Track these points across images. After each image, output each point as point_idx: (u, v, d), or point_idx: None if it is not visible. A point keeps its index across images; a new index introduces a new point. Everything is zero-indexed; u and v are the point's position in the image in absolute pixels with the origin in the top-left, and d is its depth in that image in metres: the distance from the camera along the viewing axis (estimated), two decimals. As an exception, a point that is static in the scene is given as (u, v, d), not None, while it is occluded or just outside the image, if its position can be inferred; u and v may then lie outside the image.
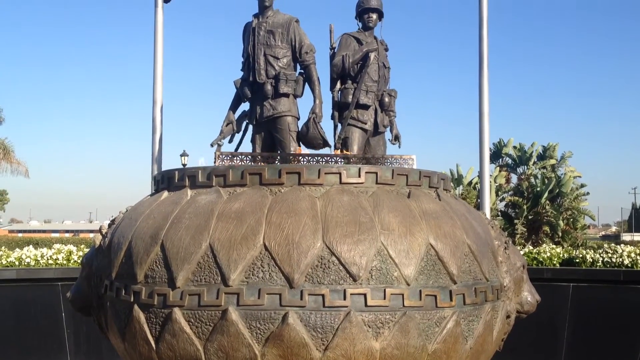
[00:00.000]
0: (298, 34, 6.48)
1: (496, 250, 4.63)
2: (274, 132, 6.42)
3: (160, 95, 9.66)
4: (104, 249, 4.68)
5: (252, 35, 6.51)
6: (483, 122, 9.99)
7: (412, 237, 4.10)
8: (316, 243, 3.96)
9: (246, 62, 6.58)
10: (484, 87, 9.96)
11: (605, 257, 10.41)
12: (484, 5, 9.94)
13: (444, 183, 4.85)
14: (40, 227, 75.32)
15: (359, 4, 6.87)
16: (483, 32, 9.97)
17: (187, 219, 4.20)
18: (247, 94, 6.50)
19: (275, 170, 4.35)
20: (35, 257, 10.97)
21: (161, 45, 9.71)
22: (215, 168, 4.53)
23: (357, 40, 6.71)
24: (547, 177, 27.75)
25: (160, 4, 9.65)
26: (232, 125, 6.59)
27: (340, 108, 6.61)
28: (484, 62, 9.96)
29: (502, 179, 27.92)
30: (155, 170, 9.59)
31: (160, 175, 4.93)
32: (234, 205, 4.18)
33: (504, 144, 30.10)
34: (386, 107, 6.76)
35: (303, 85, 6.53)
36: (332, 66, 6.65)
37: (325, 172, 4.35)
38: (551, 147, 29.61)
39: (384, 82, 6.84)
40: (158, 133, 9.58)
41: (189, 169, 4.62)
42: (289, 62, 6.48)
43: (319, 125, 6.32)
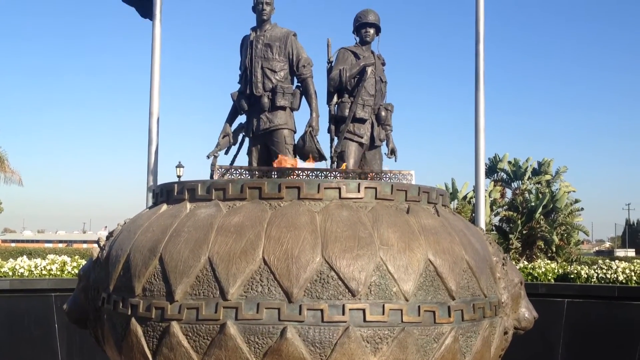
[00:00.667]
0: (295, 47, 6.52)
1: (494, 267, 4.63)
2: (271, 145, 6.45)
3: (156, 106, 9.68)
4: (101, 261, 4.66)
5: (249, 48, 6.55)
6: (479, 137, 10.03)
7: (411, 253, 4.11)
8: (315, 258, 3.96)
9: (243, 75, 6.62)
10: (480, 102, 10.01)
11: (600, 273, 10.44)
12: (480, 20, 10.02)
13: (442, 199, 4.86)
14: (34, 237, 75.06)
15: (356, 19, 6.92)
16: (479, 47, 10.03)
17: (186, 233, 4.20)
18: (244, 107, 6.53)
19: (275, 184, 4.36)
20: (29, 268, 10.92)
21: (158, 57, 9.76)
22: (215, 182, 4.53)
23: (354, 54, 6.75)
24: (542, 192, 27.84)
25: (159, 16, 9.71)
26: (228, 137, 6.62)
27: (337, 122, 6.64)
28: (480, 77, 10.01)
29: (496, 193, 28.00)
30: (151, 182, 9.59)
31: (159, 188, 4.93)
32: (234, 219, 4.18)
33: (499, 159, 30.22)
34: (383, 121, 6.79)
35: (300, 98, 6.56)
36: (329, 80, 6.68)
37: (324, 187, 4.35)
38: (546, 162, 29.74)
39: (380, 96, 6.88)
40: (154, 145, 9.59)
41: (188, 182, 4.62)
42: (286, 75, 6.52)
43: (316, 139, 6.34)
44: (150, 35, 9.72)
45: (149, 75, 9.74)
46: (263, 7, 6.56)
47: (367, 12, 6.87)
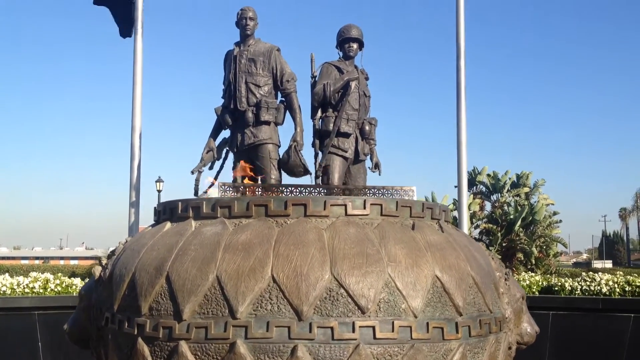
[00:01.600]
0: (279, 62, 6.53)
1: (497, 282, 4.67)
2: (255, 160, 6.43)
3: (138, 121, 9.61)
4: (104, 280, 4.61)
5: (233, 63, 6.54)
6: (461, 152, 10.13)
7: (419, 269, 4.13)
8: (324, 275, 3.96)
9: (227, 90, 6.60)
10: (462, 116, 10.11)
11: (584, 285, 10.55)
12: (461, 37, 10.16)
13: (445, 215, 4.90)
14: (10, 253, 73.85)
15: (339, 34, 6.94)
16: (460, 63, 10.16)
17: (193, 251, 4.17)
18: (228, 122, 6.51)
19: (282, 201, 4.35)
20: (11, 286, 10.75)
21: (140, 72, 9.70)
22: (220, 199, 4.51)
23: (338, 69, 6.77)
24: (521, 204, 28.11)
25: (140, 31, 9.68)
26: (212, 152, 6.59)
27: (321, 136, 6.63)
28: (461, 92, 10.13)
29: (476, 206, 28.20)
30: (134, 198, 9.51)
31: (162, 205, 4.89)
32: (241, 237, 4.17)
33: (478, 172, 30.47)
34: (367, 136, 6.81)
35: (284, 113, 6.56)
36: (313, 94, 6.68)
37: (331, 204, 4.37)
38: (524, 175, 30.07)
39: (364, 111, 6.90)
40: (136, 160, 9.51)
41: (192, 199, 4.60)
42: (270, 90, 6.52)
43: (300, 153, 6.34)
44: (132, 49, 9.70)
45: (131, 88, 9.68)
46: (247, 22, 6.57)
47: (350, 27, 6.89)
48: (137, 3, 9.68)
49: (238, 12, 6.66)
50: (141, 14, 9.70)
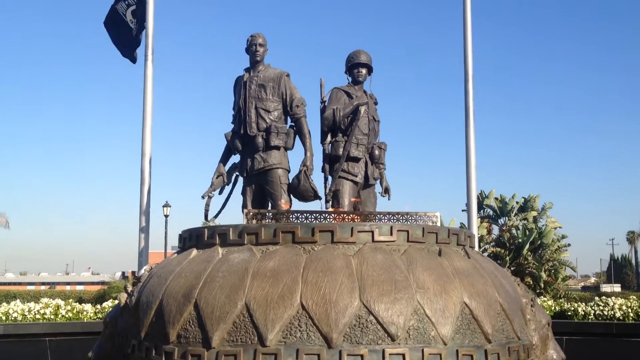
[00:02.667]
0: (289, 87, 6.56)
1: (524, 308, 4.65)
2: (265, 185, 6.43)
3: (149, 147, 9.62)
4: (130, 307, 4.60)
5: (243, 88, 6.58)
6: (470, 175, 10.11)
7: (447, 296, 4.12)
8: (354, 302, 3.95)
9: (237, 115, 6.63)
10: (471, 139, 10.12)
11: (597, 310, 10.47)
12: (469, 59, 10.21)
13: (470, 240, 4.90)
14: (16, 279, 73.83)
15: (348, 59, 6.98)
16: (469, 86, 10.20)
17: (221, 278, 4.17)
18: (238, 147, 6.53)
19: (309, 228, 4.36)
20: (22, 312, 10.73)
21: (150, 98, 9.72)
22: (247, 226, 4.52)
23: (347, 94, 6.79)
24: (529, 228, 27.99)
25: (150, 57, 9.74)
26: (222, 177, 6.60)
27: (331, 161, 6.64)
28: (470, 115, 10.15)
29: (484, 230, 28.06)
30: (143, 223, 9.49)
31: (188, 232, 4.90)
32: (269, 264, 4.17)
33: (486, 196, 30.38)
34: (376, 160, 6.81)
35: (294, 137, 6.58)
36: (323, 119, 6.70)
37: (358, 230, 4.37)
38: (532, 198, 29.97)
39: (374, 135, 6.91)
40: (146, 185, 9.50)
41: (219, 227, 4.61)
42: (279, 115, 6.54)
43: (310, 178, 6.34)
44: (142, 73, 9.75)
45: (142, 115, 9.71)
46: (256, 48, 6.62)
47: (359, 53, 6.93)
48: (148, 30, 9.76)
49: (248, 38, 6.72)
50: (152, 40, 9.76)
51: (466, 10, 10.34)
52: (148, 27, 9.78)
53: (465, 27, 10.36)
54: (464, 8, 10.36)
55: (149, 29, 9.78)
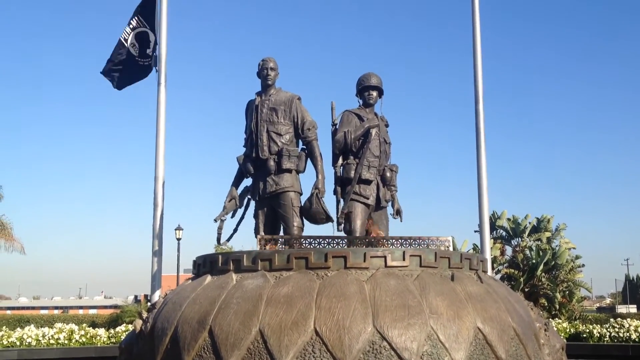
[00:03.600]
0: (300, 110, 6.62)
1: (538, 332, 4.65)
2: (277, 208, 6.46)
3: (162, 171, 9.68)
4: (145, 334, 4.63)
5: (255, 112, 6.65)
6: (482, 196, 10.09)
7: (460, 321, 4.13)
8: (367, 328, 3.97)
9: (249, 139, 6.69)
10: (482, 161, 10.12)
11: (612, 332, 10.40)
12: (479, 81, 10.25)
13: (482, 265, 4.91)
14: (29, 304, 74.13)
15: (359, 82, 7.04)
16: (479, 107, 10.22)
17: (235, 304, 4.20)
18: (250, 170, 6.58)
19: (322, 254, 4.40)
20: (36, 337, 10.78)
21: (163, 122, 9.79)
22: (261, 252, 4.56)
23: (358, 116, 6.83)
24: (542, 249, 27.78)
25: (163, 82, 9.85)
26: (234, 200, 6.63)
27: (343, 183, 6.65)
28: (480, 136, 10.17)
29: (496, 251, 27.89)
30: (156, 247, 9.52)
31: (202, 259, 4.94)
32: (283, 290, 4.20)
33: (498, 216, 30.24)
34: (388, 182, 6.84)
35: (305, 161, 6.63)
36: (335, 142, 6.74)
37: (370, 256, 4.40)
38: (545, 219, 29.80)
39: (385, 158, 6.94)
40: (159, 209, 9.54)
41: (233, 253, 4.65)
42: (291, 139, 6.59)
43: (322, 201, 6.37)
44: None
45: (154, 140, 9.79)
46: (268, 72, 6.70)
47: (369, 76, 6.99)
48: (161, 56, 9.88)
49: (259, 62, 6.79)
50: (164, 66, 9.88)
51: (476, 32, 10.42)
52: (161, 54, 9.90)
53: (475, 48, 10.42)
54: (474, 29, 10.44)
55: (162, 55, 9.90)
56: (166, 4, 10.01)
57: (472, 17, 10.45)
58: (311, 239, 4.87)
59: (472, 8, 10.42)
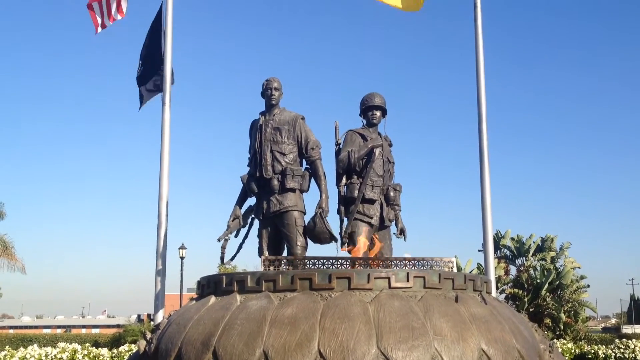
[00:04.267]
0: (304, 130, 6.66)
1: (542, 354, 4.63)
2: (281, 227, 6.47)
3: (166, 190, 9.68)
4: (149, 355, 4.63)
5: (259, 132, 6.69)
6: (486, 216, 10.07)
7: (465, 343, 4.12)
8: (371, 349, 3.96)
9: (253, 158, 6.72)
10: (486, 180, 10.12)
11: (618, 353, 10.36)
12: (482, 102, 10.28)
13: (486, 286, 4.90)
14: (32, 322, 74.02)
15: (363, 102, 7.07)
16: (482, 127, 10.25)
17: (239, 325, 4.20)
18: (254, 189, 6.60)
19: (326, 275, 4.40)
20: (39, 357, 10.77)
21: (168, 142, 9.82)
22: (265, 273, 4.57)
23: (361, 136, 6.86)
24: (547, 268, 27.70)
25: (168, 103, 9.89)
26: (238, 220, 6.65)
27: (347, 203, 6.67)
28: (484, 155, 10.17)
29: (501, 270, 27.80)
30: (160, 266, 9.51)
31: (206, 279, 4.95)
32: (287, 311, 4.20)
33: (502, 236, 30.24)
34: (392, 202, 6.85)
35: (309, 180, 6.65)
36: (338, 162, 6.77)
37: (374, 277, 4.40)
38: (549, 238, 29.78)
39: (389, 177, 6.96)
40: (163, 228, 9.54)
41: (237, 274, 4.66)
42: (295, 158, 6.63)
43: (326, 220, 6.38)
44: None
45: (159, 160, 9.81)
46: (272, 92, 6.75)
47: (373, 95, 7.02)
48: (166, 76, 9.94)
49: (263, 82, 6.85)
50: (169, 86, 9.93)
51: (479, 50, 10.46)
52: (166, 73, 9.97)
53: (478, 67, 10.45)
54: (477, 48, 10.49)
55: (166, 74, 9.95)
56: (171, 24, 10.10)
57: (474, 36, 10.51)
58: (315, 259, 4.87)
59: (475, 26, 10.49)
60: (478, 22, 10.52)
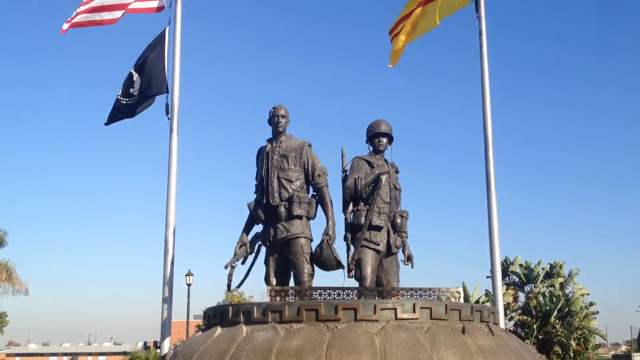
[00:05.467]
0: (310, 157, 6.68)
1: (551, 386, 4.58)
2: (288, 254, 6.45)
3: (173, 217, 9.67)
4: (155, 386, 4.61)
5: (266, 159, 6.71)
6: (494, 243, 10.00)
7: (472, 375, 4.09)
8: (378, 382, 3.93)
9: (260, 185, 6.73)
10: (493, 208, 10.08)
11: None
12: (488, 130, 10.28)
13: (494, 317, 4.88)
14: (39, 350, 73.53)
15: (369, 129, 7.10)
16: (489, 154, 10.24)
17: (245, 357, 4.20)
18: (261, 216, 6.60)
19: (332, 306, 4.40)
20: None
21: (175, 169, 9.83)
22: (271, 304, 4.57)
23: (368, 163, 6.87)
24: (556, 295, 27.43)
25: (175, 130, 9.93)
26: (245, 247, 6.64)
27: (353, 229, 6.66)
28: (491, 183, 10.14)
29: (509, 297, 27.56)
30: (167, 293, 9.47)
31: (212, 310, 4.95)
32: (293, 343, 4.19)
33: (510, 262, 30.00)
34: (398, 228, 6.83)
35: (316, 207, 6.65)
36: (345, 188, 6.77)
37: (380, 308, 4.40)
38: (558, 264, 29.52)
39: (395, 204, 6.95)
40: (170, 255, 9.51)
41: (243, 305, 4.66)
42: (301, 185, 6.63)
43: (333, 247, 6.36)
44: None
45: (166, 187, 9.80)
46: (279, 119, 6.78)
47: (379, 123, 7.05)
48: (174, 103, 9.98)
49: (270, 110, 6.88)
50: (177, 113, 9.96)
51: (485, 82, 10.48)
52: (174, 101, 10.01)
53: (485, 98, 10.46)
54: (482, 79, 10.51)
55: (174, 102, 10.00)
56: (179, 52, 10.19)
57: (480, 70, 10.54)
58: (321, 289, 4.87)
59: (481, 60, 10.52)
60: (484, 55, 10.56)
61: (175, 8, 10.23)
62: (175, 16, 10.23)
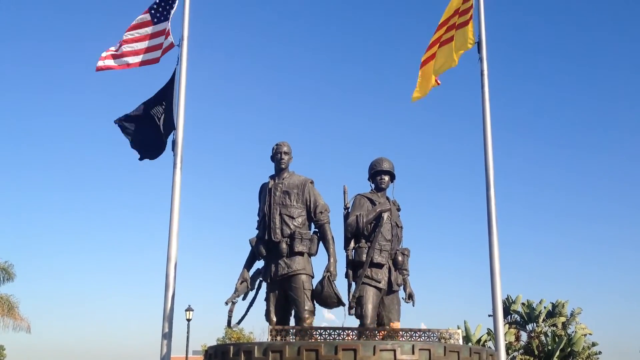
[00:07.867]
0: (313, 194, 6.75)
1: None
2: (289, 290, 6.47)
3: (174, 252, 9.65)
4: None
5: (268, 195, 6.78)
6: (495, 283, 9.96)
7: (470, 418, 4.10)
8: None
9: (262, 221, 6.79)
10: (494, 248, 10.06)
11: None
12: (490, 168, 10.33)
13: (492, 359, 4.90)
14: (38, 387, 72.59)
15: (371, 167, 7.18)
16: (490, 193, 10.26)
17: (245, 397, 4.21)
18: (262, 252, 6.65)
19: (332, 346, 4.43)
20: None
21: (177, 204, 9.84)
22: (272, 344, 4.61)
23: (370, 200, 6.93)
24: (558, 335, 27.26)
25: (179, 165, 10.01)
26: (246, 283, 6.67)
27: (355, 267, 6.69)
28: (492, 222, 10.15)
29: (511, 336, 27.37)
30: (167, 329, 9.42)
31: (213, 349, 4.98)
32: (293, 383, 4.21)
33: (512, 301, 29.88)
34: (400, 266, 6.86)
35: (317, 243, 6.70)
36: (347, 225, 6.82)
37: (380, 349, 4.44)
38: (560, 304, 29.37)
39: (397, 241, 6.99)
40: (171, 290, 9.47)
41: (244, 344, 4.69)
42: (303, 222, 6.69)
43: (334, 284, 6.39)
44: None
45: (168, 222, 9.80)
46: (281, 156, 6.88)
47: (381, 161, 7.12)
48: (178, 138, 10.06)
49: (273, 147, 6.99)
50: (181, 149, 10.04)
51: (486, 121, 10.55)
52: (178, 136, 10.07)
53: (486, 137, 10.52)
54: (484, 118, 10.59)
55: (178, 137, 10.06)
56: (184, 88, 10.30)
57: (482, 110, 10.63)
58: (322, 329, 4.90)
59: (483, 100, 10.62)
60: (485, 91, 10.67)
61: (182, 46, 10.40)
62: (181, 53, 10.39)
